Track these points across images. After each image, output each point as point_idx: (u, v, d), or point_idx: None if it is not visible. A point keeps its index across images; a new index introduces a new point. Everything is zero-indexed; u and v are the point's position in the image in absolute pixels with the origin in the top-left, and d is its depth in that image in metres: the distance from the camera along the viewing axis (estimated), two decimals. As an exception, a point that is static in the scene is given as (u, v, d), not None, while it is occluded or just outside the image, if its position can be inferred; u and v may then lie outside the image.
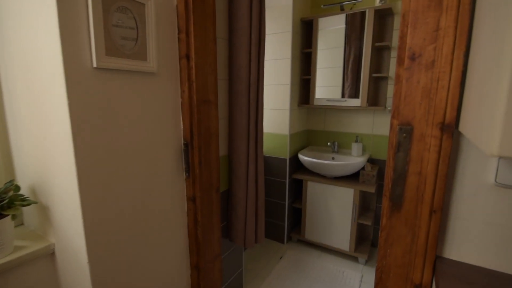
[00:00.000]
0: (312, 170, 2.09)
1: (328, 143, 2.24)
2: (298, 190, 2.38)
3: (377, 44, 1.88)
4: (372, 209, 2.20)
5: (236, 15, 1.26)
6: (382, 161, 2.11)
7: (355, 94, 1.99)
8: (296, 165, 2.28)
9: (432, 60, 0.65)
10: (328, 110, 2.28)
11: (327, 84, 2.11)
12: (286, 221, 2.21)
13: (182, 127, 1.09)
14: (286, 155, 2.10)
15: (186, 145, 1.09)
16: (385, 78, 2.02)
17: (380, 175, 2.13)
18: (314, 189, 2.09)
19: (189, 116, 1.07)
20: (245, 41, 1.28)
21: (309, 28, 2.21)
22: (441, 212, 0.69)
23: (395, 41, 1.93)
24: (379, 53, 2.01)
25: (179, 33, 1.03)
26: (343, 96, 2.04)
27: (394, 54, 1.95)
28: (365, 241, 2.17)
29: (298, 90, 2.20)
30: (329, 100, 2.07)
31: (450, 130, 0.64)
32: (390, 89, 2.01)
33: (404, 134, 0.71)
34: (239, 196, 1.35)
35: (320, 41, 2.06)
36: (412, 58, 0.68)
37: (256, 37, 1.31)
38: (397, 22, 1.90)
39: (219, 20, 1.29)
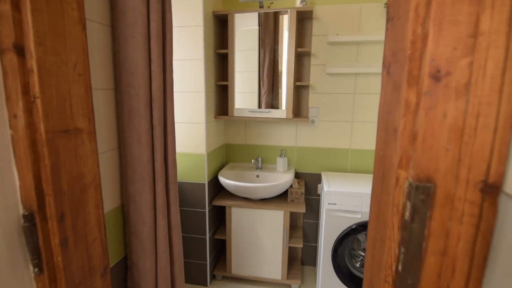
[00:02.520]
0: (236, 194, 1.77)
1: (253, 160, 1.96)
2: (220, 218, 2.02)
3: (299, 49, 1.71)
4: (299, 226, 2.05)
5: (122, -14, 0.79)
6: (307, 174, 1.99)
7: (275, 104, 1.77)
8: (216, 188, 1.91)
9: (467, 82, 0.41)
10: (248, 121, 2.00)
11: (246, 90, 1.82)
12: (208, 258, 1.81)
13: (18, 184, 0.56)
14: (204, 178, 1.70)
15: (29, 217, 0.57)
16: (306, 87, 1.89)
17: (307, 190, 2.00)
18: (239, 216, 1.77)
19: (32, 163, 0.56)
20: (141, 30, 0.82)
21: (223, 25, 1.87)
22: (475, 309, 0.47)
23: (314, 47, 1.81)
24: (299, 59, 1.87)
25: (-8, -2, 0.51)
26: (259, 105, 1.80)
27: (314, 61, 1.84)
28: (295, 263, 2.01)
29: (214, 99, 1.83)
30: (251, 111, 1.79)
31: (495, 193, 0.42)
32: (312, 99, 1.89)
33: (422, 196, 0.45)
34: (143, 267, 0.88)
35: (237, 41, 1.74)
36: (436, 77, 0.42)
37: (157, 26, 0.86)
38: (316, 27, 1.78)
39: (92, -9, 0.78)
